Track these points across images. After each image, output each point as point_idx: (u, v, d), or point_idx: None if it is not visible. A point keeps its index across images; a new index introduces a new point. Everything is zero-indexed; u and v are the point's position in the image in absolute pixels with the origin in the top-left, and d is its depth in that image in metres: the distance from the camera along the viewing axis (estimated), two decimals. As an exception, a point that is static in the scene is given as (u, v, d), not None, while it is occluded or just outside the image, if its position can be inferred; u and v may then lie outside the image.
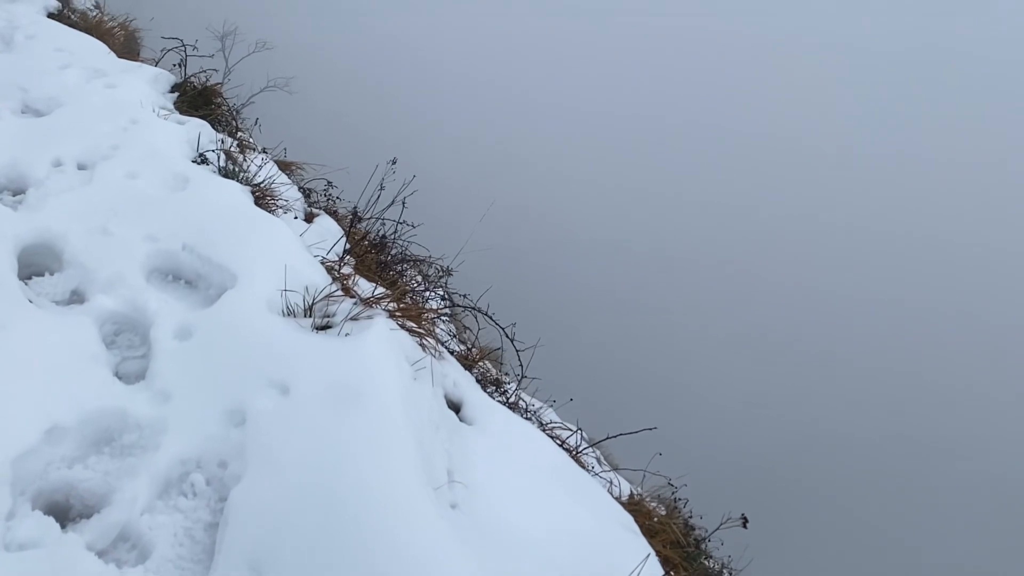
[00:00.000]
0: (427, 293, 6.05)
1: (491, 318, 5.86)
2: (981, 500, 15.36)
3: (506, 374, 5.82)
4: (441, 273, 5.51)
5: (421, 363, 3.04)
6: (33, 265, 3.24)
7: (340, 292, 3.36)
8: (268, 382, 2.62)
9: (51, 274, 3.17)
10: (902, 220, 19.25)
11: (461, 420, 3.16)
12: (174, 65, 5.40)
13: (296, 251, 3.50)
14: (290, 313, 3.10)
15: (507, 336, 5.78)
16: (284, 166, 6.40)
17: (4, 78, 4.78)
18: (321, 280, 3.44)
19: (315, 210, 5.54)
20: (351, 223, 4.56)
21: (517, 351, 5.82)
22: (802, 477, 14.86)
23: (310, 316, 3.12)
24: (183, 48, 5.41)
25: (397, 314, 3.30)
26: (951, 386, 16.84)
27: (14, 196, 3.74)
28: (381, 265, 5.79)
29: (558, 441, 3.93)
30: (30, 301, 2.89)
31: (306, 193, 6.15)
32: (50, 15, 6.27)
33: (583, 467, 3.86)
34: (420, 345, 3.35)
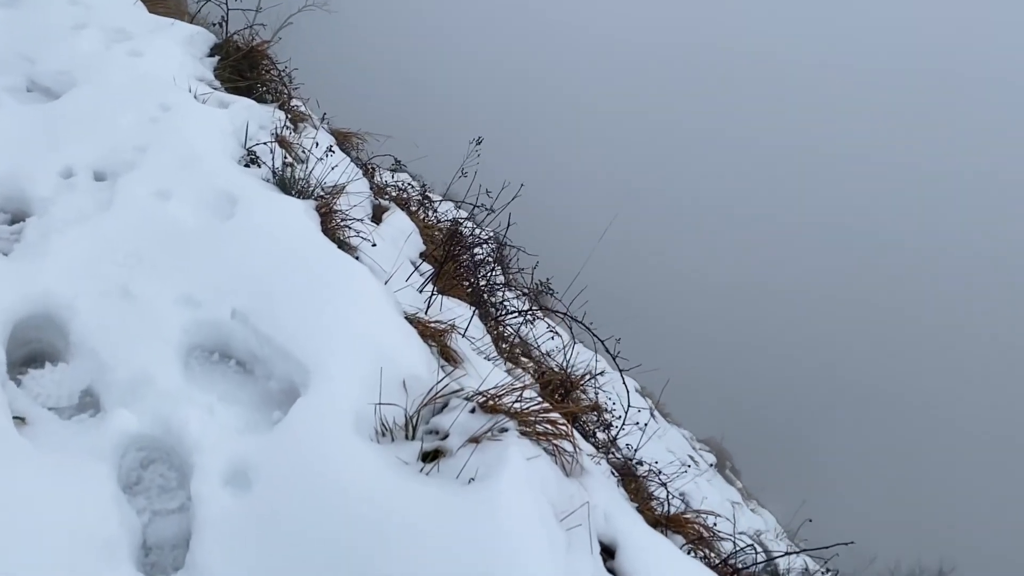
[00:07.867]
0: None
1: (589, 329, 4.91)
2: None
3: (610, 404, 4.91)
4: (540, 287, 4.54)
5: (574, 518, 2.12)
6: (31, 343, 2.36)
7: (444, 382, 2.43)
8: (368, 592, 1.73)
9: (53, 364, 2.29)
10: None
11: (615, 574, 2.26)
12: (213, 24, 4.36)
13: (384, 320, 2.56)
14: (386, 433, 2.19)
15: (609, 352, 4.84)
16: (342, 137, 5.39)
17: (5, 44, 3.82)
18: (418, 360, 2.51)
19: (383, 202, 4.56)
20: (449, 239, 3.59)
21: (620, 371, 4.89)
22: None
23: (413, 436, 2.21)
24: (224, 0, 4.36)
25: (528, 419, 2.37)
26: None
27: (11, 226, 2.84)
28: (454, 261, 4.87)
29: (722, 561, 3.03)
30: (19, 420, 2.02)
31: (369, 172, 5.15)
32: (65, -49, 5.21)
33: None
34: (550, 453, 2.42)
